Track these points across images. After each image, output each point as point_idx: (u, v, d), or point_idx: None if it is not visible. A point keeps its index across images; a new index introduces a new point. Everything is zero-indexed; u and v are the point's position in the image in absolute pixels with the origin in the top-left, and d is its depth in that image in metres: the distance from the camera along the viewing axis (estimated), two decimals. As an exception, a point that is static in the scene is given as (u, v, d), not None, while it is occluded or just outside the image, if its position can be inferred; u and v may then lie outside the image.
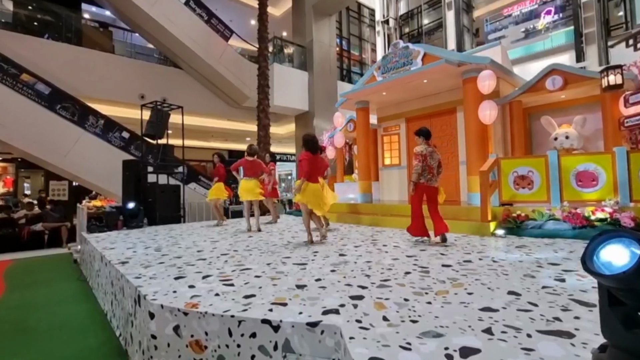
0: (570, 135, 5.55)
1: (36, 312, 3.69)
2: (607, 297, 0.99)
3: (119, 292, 3.06)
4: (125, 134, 9.82)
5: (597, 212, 4.21)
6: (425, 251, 3.71)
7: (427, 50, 6.06)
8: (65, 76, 9.64)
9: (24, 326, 3.29)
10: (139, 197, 7.39)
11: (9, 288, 4.70)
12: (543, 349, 1.44)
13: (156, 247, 4.39)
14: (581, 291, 2.20)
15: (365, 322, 1.78)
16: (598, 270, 0.95)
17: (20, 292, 4.50)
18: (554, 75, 5.42)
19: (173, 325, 2.09)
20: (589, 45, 10.67)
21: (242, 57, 12.69)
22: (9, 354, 2.73)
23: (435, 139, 7.19)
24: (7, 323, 3.37)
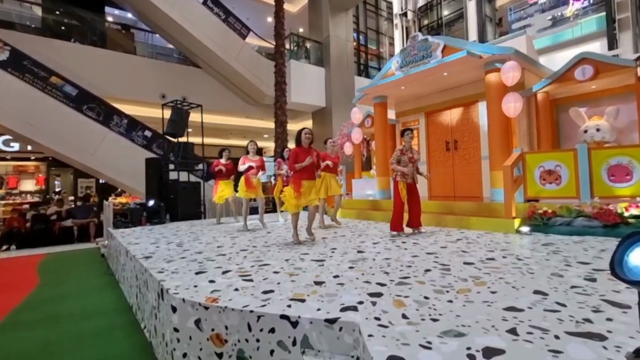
0: (602, 127, 5.27)
1: (67, 301, 3.87)
2: (645, 299, 0.93)
3: (143, 285, 3.16)
4: (147, 132, 10.11)
5: (632, 209, 3.99)
6: (446, 248, 3.63)
7: (447, 42, 5.89)
8: (90, 77, 10.02)
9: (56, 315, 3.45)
10: (161, 194, 7.61)
11: (42, 280, 4.95)
12: (572, 351, 1.37)
13: (178, 243, 4.50)
14: (614, 292, 2.09)
15: (384, 320, 1.75)
16: (626, 276, 0.89)
17: (52, 284, 4.73)
18: (584, 65, 5.15)
19: (194, 318, 2.13)
20: (622, 32, 10.07)
21: (259, 54, 12.78)
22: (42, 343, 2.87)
23: (456, 132, 7.03)
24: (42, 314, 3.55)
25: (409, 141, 4.64)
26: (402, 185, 4.55)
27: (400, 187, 4.55)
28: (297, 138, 4.27)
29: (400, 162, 4.55)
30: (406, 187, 4.56)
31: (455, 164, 7.04)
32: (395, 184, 4.63)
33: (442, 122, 7.30)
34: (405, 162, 4.53)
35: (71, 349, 2.75)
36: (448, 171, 7.16)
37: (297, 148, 4.24)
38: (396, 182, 4.60)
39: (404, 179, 4.54)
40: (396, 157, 4.57)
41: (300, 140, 4.23)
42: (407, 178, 4.55)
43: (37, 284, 4.77)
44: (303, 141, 4.22)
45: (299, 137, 4.24)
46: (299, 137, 4.24)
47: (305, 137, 4.22)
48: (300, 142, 4.23)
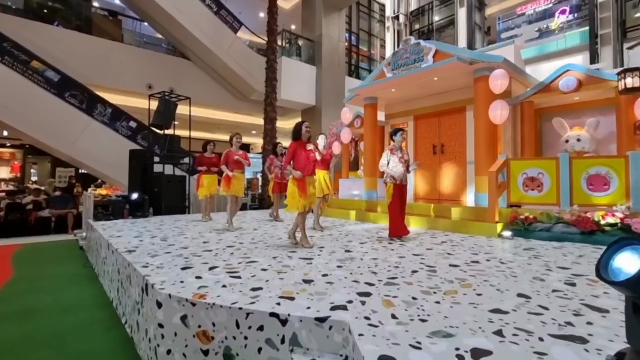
0: (582, 137, 5.47)
1: (44, 295, 3.72)
2: (631, 303, 0.97)
3: (126, 280, 3.08)
4: (132, 123, 9.84)
5: (608, 217, 4.15)
6: (431, 250, 3.69)
7: (439, 48, 5.98)
8: (74, 64, 9.66)
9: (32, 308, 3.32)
10: (145, 187, 7.43)
11: (17, 272, 4.75)
12: (556, 353, 1.42)
13: (162, 237, 4.41)
14: (593, 296, 2.17)
15: (374, 320, 1.76)
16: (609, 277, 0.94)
17: (28, 276, 4.55)
18: (569, 76, 5.33)
19: (180, 315, 2.09)
20: (604, 47, 10.46)
21: (251, 49, 12.64)
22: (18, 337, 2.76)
23: (444, 137, 7.15)
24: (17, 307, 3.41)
25: (400, 141, 4.52)
26: (390, 187, 4.44)
27: (388, 187, 4.46)
28: (296, 131, 4.02)
29: (389, 162, 4.45)
30: (394, 188, 4.43)
31: (442, 167, 7.16)
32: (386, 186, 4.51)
33: (431, 125, 7.40)
34: (394, 162, 4.43)
35: (48, 343, 2.66)
36: (434, 174, 7.28)
37: (294, 143, 3.99)
38: (391, 184, 4.45)
39: (394, 180, 4.45)
40: (386, 158, 4.48)
41: (300, 134, 4.00)
42: (396, 180, 4.45)
43: (11, 275, 4.58)
44: (303, 135, 4.00)
45: (299, 130, 4.00)
46: (299, 130, 4.00)
47: (306, 131, 4.01)
48: (299, 136, 4.00)
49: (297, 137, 4.02)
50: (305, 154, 3.95)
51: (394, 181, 4.43)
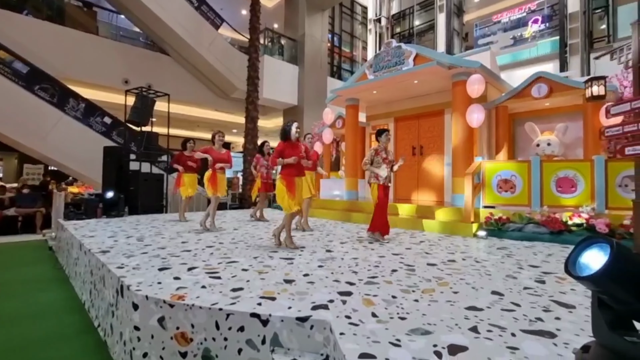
0: (552, 142, 5.73)
1: (11, 300, 3.53)
2: (597, 299, 1.04)
3: (99, 281, 2.98)
4: (107, 119, 9.48)
5: (575, 218, 4.38)
6: (410, 250, 3.76)
7: (419, 51, 6.11)
8: (45, 55, 9.21)
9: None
10: (120, 185, 7.18)
11: (-22, 274, 4.49)
12: (527, 348, 1.49)
13: (138, 237, 4.28)
14: (561, 293, 2.29)
15: (354, 318, 1.79)
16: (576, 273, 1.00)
17: (-10, 279, 4.30)
18: (540, 83, 5.58)
19: (158, 316, 2.05)
20: (572, 56, 11.02)
21: (232, 47, 12.46)
22: (-21, 343, 2.61)
23: (423, 139, 7.32)
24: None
25: (385, 142, 4.48)
26: (375, 187, 4.41)
27: (372, 188, 4.44)
28: (285, 131, 3.91)
29: (373, 162, 4.42)
30: (379, 188, 4.39)
31: (420, 169, 7.32)
32: (369, 186, 4.52)
33: (410, 127, 7.55)
34: (378, 162, 4.40)
35: (17, 347, 2.53)
36: (413, 175, 7.43)
37: (283, 143, 3.90)
38: (375, 184, 4.43)
39: (378, 180, 4.40)
40: (370, 158, 4.44)
41: (289, 135, 3.89)
42: (380, 180, 4.40)
43: (-28, 278, 4.31)
44: (292, 135, 3.89)
45: (288, 130, 3.89)
46: (288, 130, 3.89)
47: (296, 131, 3.90)
48: (288, 136, 3.89)
49: (286, 138, 3.91)
50: (294, 154, 3.86)
51: (377, 182, 4.40)
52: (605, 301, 1.03)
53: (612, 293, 0.98)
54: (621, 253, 0.91)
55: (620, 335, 1.00)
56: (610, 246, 0.93)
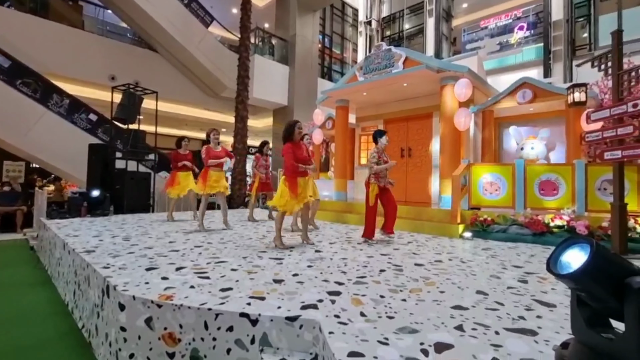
0: (536, 146, 5.90)
1: (-13, 301, 3.43)
2: (576, 297, 1.08)
3: (84, 282, 2.92)
4: (92, 116, 9.27)
5: (556, 220, 4.51)
6: (398, 250, 3.82)
7: (409, 55, 6.20)
8: (27, 49, 8.95)
9: (-27, 316, 3.05)
10: (106, 184, 7.04)
11: (-46, 275, 4.34)
12: (510, 345, 1.54)
13: (124, 237, 4.21)
14: (542, 292, 2.36)
15: (343, 318, 1.81)
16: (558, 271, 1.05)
17: (-32, 279, 4.17)
18: (525, 89, 5.73)
19: (145, 317, 2.03)
20: (556, 63, 11.35)
21: (222, 45, 12.36)
22: (-44, 345, 2.53)
23: (411, 141, 7.42)
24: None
25: (385, 144, 4.41)
26: (373, 187, 4.28)
27: (371, 189, 4.29)
28: (288, 132, 3.87)
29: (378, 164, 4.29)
30: (378, 190, 4.31)
31: (409, 170, 7.42)
32: (367, 187, 4.36)
33: (399, 130, 7.64)
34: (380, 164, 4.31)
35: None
36: (401, 177, 7.52)
37: (291, 144, 3.85)
38: (368, 184, 4.33)
39: (377, 181, 4.30)
40: (375, 159, 4.27)
41: (292, 135, 3.85)
42: (381, 181, 4.32)
43: (-52, 278, 4.17)
44: (296, 136, 3.86)
45: (292, 131, 3.85)
46: (292, 131, 3.85)
47: (298, 132, 3.87)
48: (292, 137, 3.86)
49: (289, 139, 3.87)
50: (299, 154, 3.83)
51: (377, 182, 4.30)
52: (584, 299, 1.08)
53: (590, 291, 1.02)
54: (600, 253, 0.96)
55: (598, 332, 1.05)
56: (591, 246, 0.98)
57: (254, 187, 6.44)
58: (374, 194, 4.30)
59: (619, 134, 3.74)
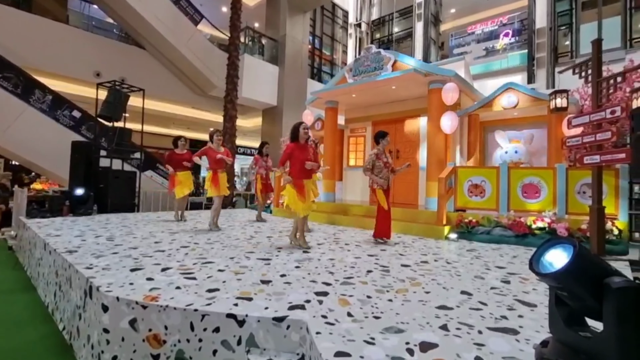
0: (519, 150, 6.04)
1: (-38, 303, 3.31)
2: (554, 298, 1.12)
3: (65, 283, 2.85)
4: (76, 113, 9.03)
5: (538, 222, 4.64)
6: (385, 251, 3.85)
7: (398, 58, 6.27)
8: (8, 43, 8.66)
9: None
10: (89, 182, 6.87)
11: None
12: (492, 344, 1.58)
13: (108, 237, 4.12)
14: (524, 292, 2.43)
15: (330, 318, 1.82)
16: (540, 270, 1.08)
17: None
18: (509, 93, 5.87)
19: (129, 318, 1.99)
20: (539, 69, 11.66)
21: (212, 44, 12.24)
22: None
23: (399, 143, 7.49)
24: None
25: (385, 145, 4.44)
26: (380, 192, 4.34)
27: (379, 194, 4.35)
28: (293, 133, 3.86)
29: (374, 167, 4.36)
30: (383, 192, 4.36)
31: (397, 172, 7.48)
32: (373, 192, 4.45)
33: (388, 132, 7.69)
34: (380, 167, 4.37)
35: (-32, 355, 2.37)
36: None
37: (293, 144, 3.83)
38: (373, 189, 4.39)
39: (380, 185, 4.36)
40: (371, 162, 4.33)
41: (297, 136, 3.83)
42: (384, 184, 4.38)
43: None
44: (301, 137, 3.83)
45: (296, 132, 3.84)
46: (296, 132, 3.84)
47: (304, 133, 3.84)
48: (297, 137, 3.84)
49: (294, 139, 3.85)
50: (303, 156, 3.79)
51: (381, 187, 4.36)
52: (563, 298, 1.12)
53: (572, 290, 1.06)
54: (583, 253, 0.99)
55: (576, 331, 1.09)
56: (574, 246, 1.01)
57: (257, 187, 6.39)
58: (382, 197, 4.34)
59: (598, 139, 3.87)
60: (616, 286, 0.95)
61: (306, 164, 3.79)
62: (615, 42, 10.06)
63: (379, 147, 4.43)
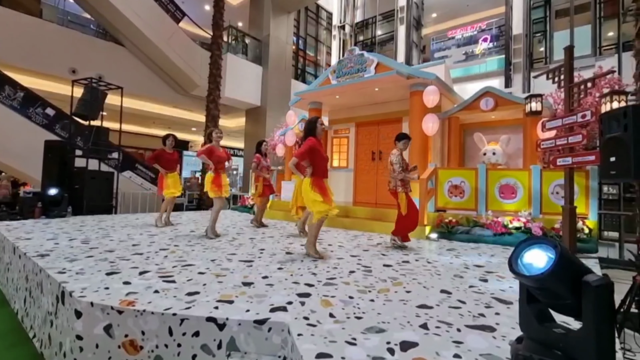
0: (497, 151, 6.23)
1: None
2: (526, 295, 1.15)
3: (36, 288, 2.73)
4: (50, 110, 8.68)
5: (514, 221, 4.79)
6: (367, 251, 3.89)
7: (381, 60, 6.35)
8: (-25, 36, 8.24)
9: None
10: (63, 183, 6.61)
11: None
12: (470, 341, 1.62)
13: (83, 239, 3.97)
14: (501, 290, 2.50)
15: (312, 319, 1.82)
16: (520, 272, 1.10)
17: None
18: (488, 97, 6.05)
19: (104, 324, 1.93)
20: (516, 73, 12.04)
21: (194, 42, 12.02)
22: None
23: (382, 144, 7.58)
24: None
25: (404, 149, 4.26)
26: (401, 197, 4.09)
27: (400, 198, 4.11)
28: (310, 128, 3.52)
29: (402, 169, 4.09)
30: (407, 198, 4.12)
31: (379, 173, 7.57)
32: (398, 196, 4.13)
33: (371, 133, 7.79)
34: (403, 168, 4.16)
35: None
36: (372, 179, 7.66)
37: (314, 139, 3.48)
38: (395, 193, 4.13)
39: (405, 189, 4.10)
40: (400, 163, 4.07)
41: (315, 131, 3.51)
42: (408, 187, 4.15)
43: None
44: (319, 132, 3.53)
45: (314, 127, 3.51)
46: (314, 127, 3.51)
47: (321, 128, 3.56)
48: (314, 132, 3.51)
49: (312, 134, 3.51)
50: (322, 153, 3.50)
51: (405, 190, 4.10)
52: (537, 296, 1.15)
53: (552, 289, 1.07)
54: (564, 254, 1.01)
55: (548, 327, 1.12)
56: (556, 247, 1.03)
57: (258, 190, 5.88)
58: (404, 203, 4.08)
59: (570, 142, 4.03)
60: (595, 284, 0.98)
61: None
62: (586, 50, 10.53)
63: (399, 147, 4.20)
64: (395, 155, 4.17)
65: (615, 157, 2.80)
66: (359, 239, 4.84)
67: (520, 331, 1.19)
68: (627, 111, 2.68)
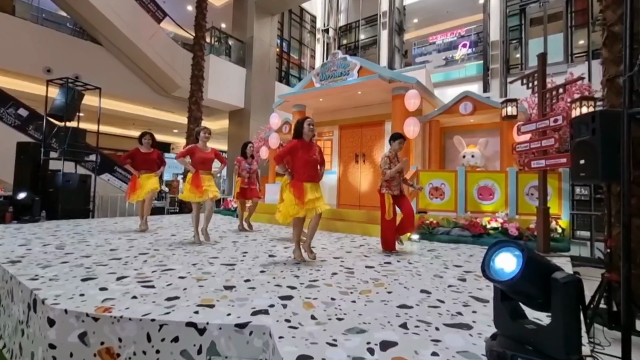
0: (475, 154, 6.41)
1: None
2: (499, 294, 1.20)
3: (6, 296, 2.62)
4: (22, 111, 8.33)
5: (492, 222, 4.93)
6: (350, 253, 3.92)
7: (363, 64, 6.43)
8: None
9: None
10: (37, 186, 6.36)
11: None
12: (448, 340, 1.66)
13: (58, 245, 3.84)
14: (478, 289, 2.57)
15: (294, 322, 1.82)
16: (493, 277, 1.14)
17: None
18: (466, 101, 6.22)
19: (79, 332, 1.87)
20: (493, 79, 12.44)
21: (175, 43, 11.84)
22: None
23: (365, 147, 7.67)
24: None
25: (397, 149, 4.12)
26: (387, 197, 3.99)
27: (386, 199, 3.99)
28: (296, 129, 3.44)
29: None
30: (392, 199, 4.02)
31: (362, 175, 7.65)
32: (381, 197, 4.07)
33: (354, 136, 7.87)
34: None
35: None
36: (355, 181, 7.74)
37: (297, 141, 3.39)
38: (382, 195, 4.04)
39: (390, 190, 4.02)
40: (387, 164, 4.02)
41: (301, 132, 3.41)
42: (394, 189, 4.04)
43: None
44: (305, 133, 3.41)
45: (300, 128, 3.41)
46: (300, 128, 3.41)
47: (309, 129, 3.41)
48: (301, 134, 3.41)
49: (298, 136, 3.42)
50: (308, 156, 3.38)
51: (390, 192, 4.01)
52: (510, 295, 1.19)
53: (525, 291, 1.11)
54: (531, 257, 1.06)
55: (521, 324, 1.17)
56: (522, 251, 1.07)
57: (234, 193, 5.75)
58: (389, 204, 3.98)
59: (543, 145, 4.20)
60: (564, 281, 1.03)
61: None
62: (559, 57, 10.99)
63: (391, 149, 4.13)
64: (382, 159, 4.11)
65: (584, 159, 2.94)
66: (342, 240, 4.87)
67: (495, 328, 1.23)
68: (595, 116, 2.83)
